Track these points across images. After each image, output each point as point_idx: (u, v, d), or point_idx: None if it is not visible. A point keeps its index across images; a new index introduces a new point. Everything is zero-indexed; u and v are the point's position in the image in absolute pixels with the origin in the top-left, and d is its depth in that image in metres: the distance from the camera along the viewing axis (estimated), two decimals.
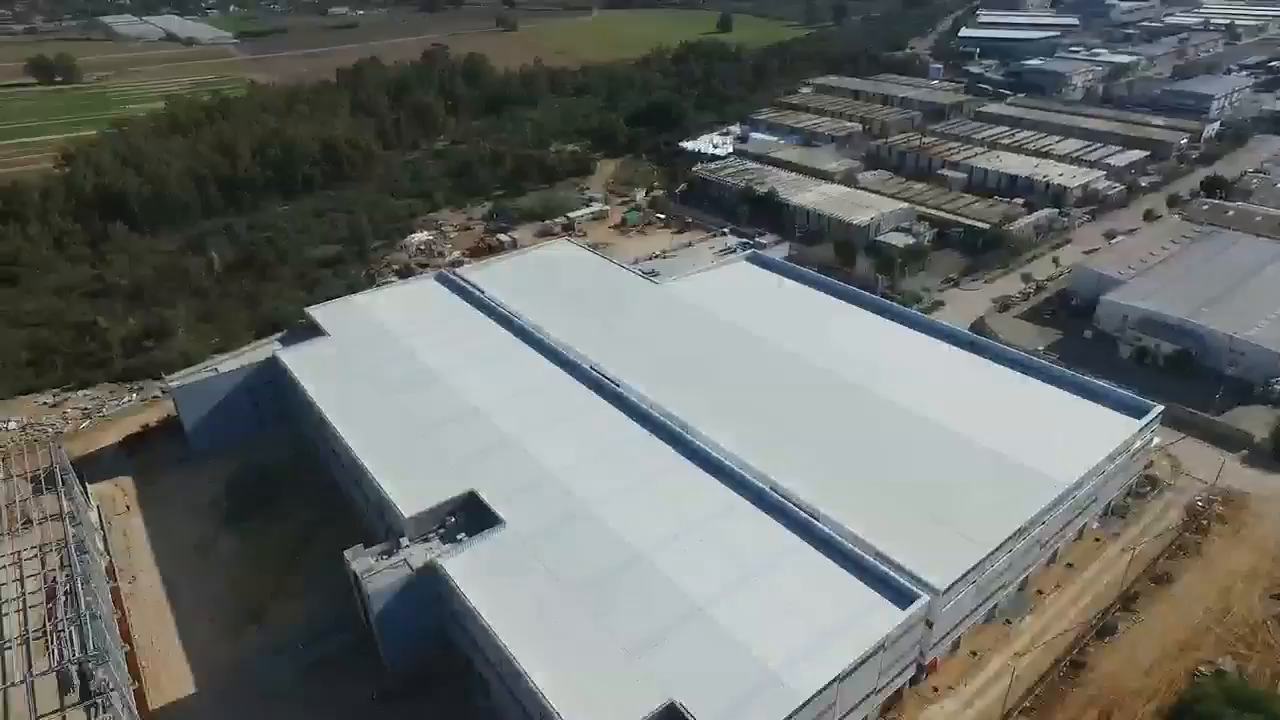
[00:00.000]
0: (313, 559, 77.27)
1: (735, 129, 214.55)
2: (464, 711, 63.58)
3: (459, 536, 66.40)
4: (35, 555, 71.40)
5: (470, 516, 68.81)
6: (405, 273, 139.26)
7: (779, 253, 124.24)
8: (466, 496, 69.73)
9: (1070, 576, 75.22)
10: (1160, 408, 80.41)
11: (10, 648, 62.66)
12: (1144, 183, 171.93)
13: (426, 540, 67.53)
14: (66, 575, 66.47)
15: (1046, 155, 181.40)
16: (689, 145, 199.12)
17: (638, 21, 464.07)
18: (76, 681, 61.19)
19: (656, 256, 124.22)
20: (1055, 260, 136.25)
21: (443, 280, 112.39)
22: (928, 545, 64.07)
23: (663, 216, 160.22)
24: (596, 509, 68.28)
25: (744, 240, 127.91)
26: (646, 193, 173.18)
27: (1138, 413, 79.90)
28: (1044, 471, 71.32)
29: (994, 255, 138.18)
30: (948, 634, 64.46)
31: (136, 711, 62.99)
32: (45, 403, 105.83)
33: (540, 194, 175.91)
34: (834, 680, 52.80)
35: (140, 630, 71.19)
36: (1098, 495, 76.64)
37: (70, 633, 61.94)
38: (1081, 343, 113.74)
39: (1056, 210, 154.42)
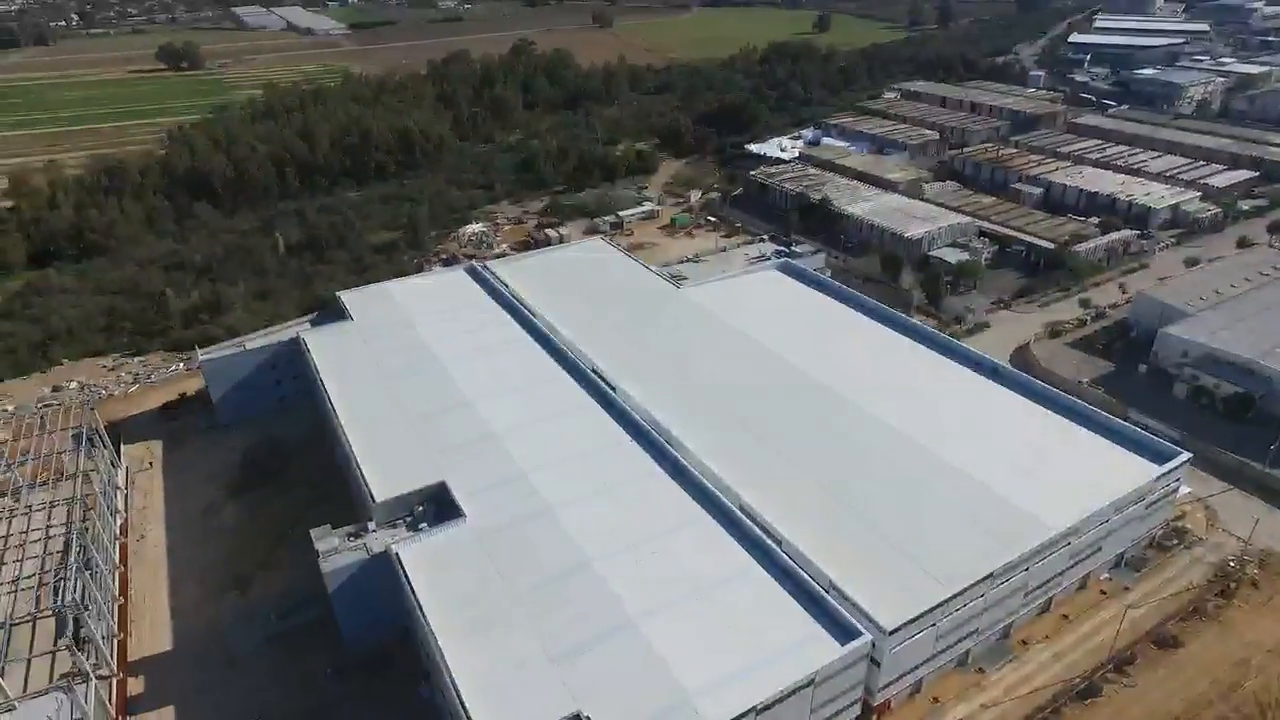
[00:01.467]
0: (304, 534, 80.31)
1: (807, 133, 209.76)
2: (413, 696, 64.93)
3: (421, 526, 67.94)
4: (64, 505, 77.66)
5: (438, 507, 70.19)
6: (451, 262, 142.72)
7: (814, 262, 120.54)
8: (436, 487, 71.13)
9: (1063, 629, 70.03)
10: (1186, 455, 73.70)
11: (28, 589, 68.36)
12: (1245, 206, 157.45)
13: (394, 526, 69.37)
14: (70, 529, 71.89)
15: (1138, 172, 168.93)
16: (755, 148, 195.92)
17: (736, 19, 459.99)
18: (71, 626, 66.53)
19: (688, 260, 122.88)
20: (1122, 286, 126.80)
21: (471, 272, 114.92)
22: (889, 581, 61.10)
23: (713, 219, 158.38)
24: (558, 511, 68.37)
25: (779, 248, 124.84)
26: (702, 195, 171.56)
27: (1160, 458, 73.54)
28: (1035, 513, 66.69)
29: (1055, 277, 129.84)
30: (903, 675, 61.17)
31: (115, 660, 67.55)
32: (105, 365, 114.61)
33: (598, 191, 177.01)
34: (749, 711, 51.05)
35: (137, 585, 76.27)
36: (1103, 544, 70.95)
37: (65, 581, 66.98)
38: (1133, 377, 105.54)
39: (1137, 232, 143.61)
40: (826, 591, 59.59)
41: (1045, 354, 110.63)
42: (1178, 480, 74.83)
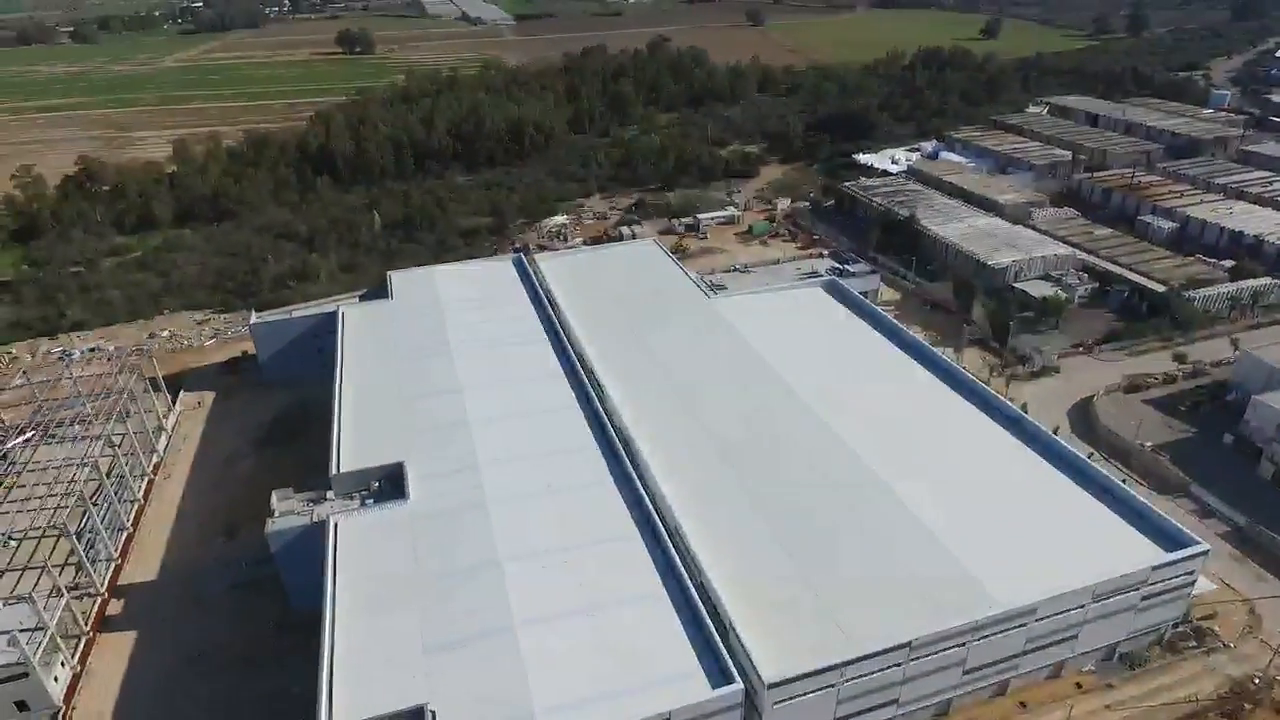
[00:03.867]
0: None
1: (927, 146, 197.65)
2: None
3: (368, 501, 71.13)
4: (102, 440, 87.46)
5: (392, 486, 73.06)
6: (523, 251, 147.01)
7: (868, 283, 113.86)
8: (394, 467, 74.05)
9: (1015, 718, 62.62)
10: (1202, 546, 63.62)
11: (68, 509, 77.63)
12: None
13: (350, 498, 72.99)
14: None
15: None
16: (863, 158, 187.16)
17: (899, 22, 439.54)
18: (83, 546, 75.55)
19: (736, 269, 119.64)
20: (1235, 343, 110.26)
21: (517, 264, 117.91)
22: (798, 632, 57.34)
23: (792, 230, 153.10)
24: (495, 507, 69.28)
25: (835, 265, 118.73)
26: (790, 203, 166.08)
27: (1175, 544, 63.95)
28: (988, 585, 60.09)
29: (1158, 325, 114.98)
30: None
31: (106, 582, 75.84)
32: (196, 319, 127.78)
33: (688, 192, 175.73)
34: None
35: (149, 519, 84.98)
36: (1079, 632, 62.69)
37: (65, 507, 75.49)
38: (1215, 448, 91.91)
39: None
40: (726, 631, 56.80)
41: (1112, 409, 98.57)
42: (1191, 574, 64.63)
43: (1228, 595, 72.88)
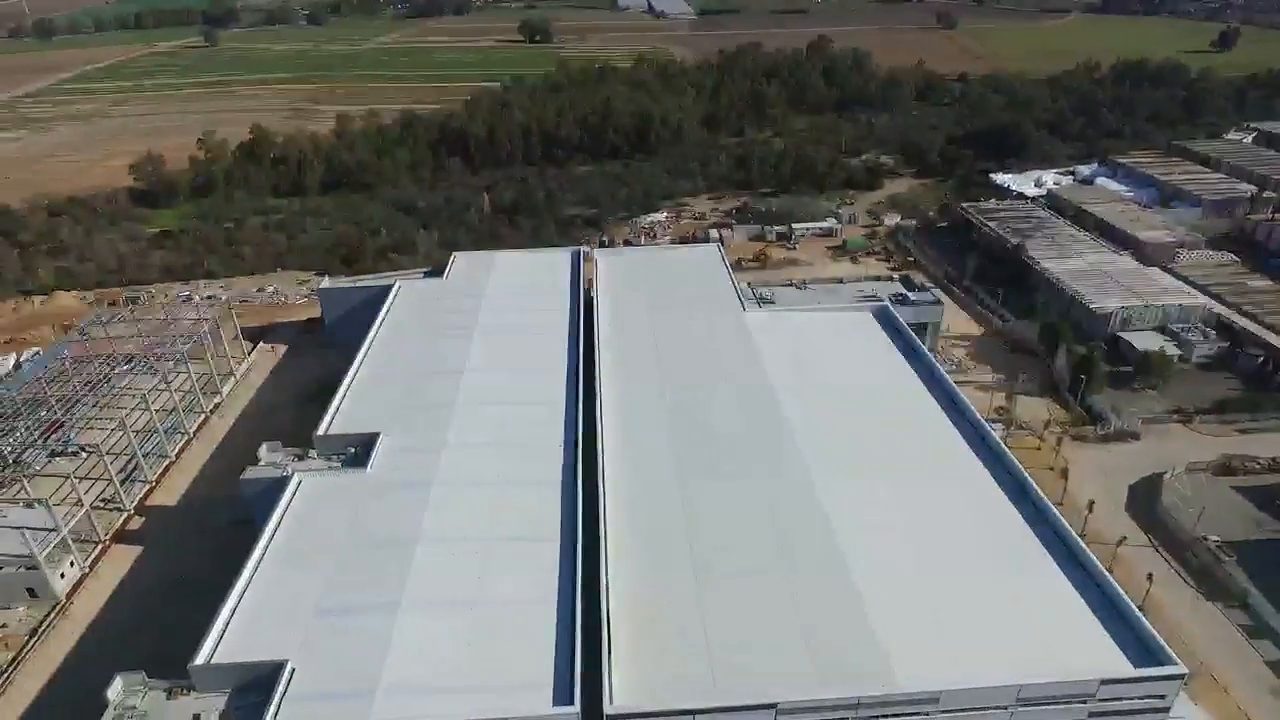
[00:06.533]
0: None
1: (1084, 169, 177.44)
2: None
3: (335, 465, 75.79)
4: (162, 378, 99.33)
5: (363, 454, 77.13)
6: (607, 244, 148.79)
7: (930, 314, 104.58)
8: (370, 436, 78.19)
9: None
10: (1180, 670, 53.34)
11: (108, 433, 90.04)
12: None
13: (329, 459, 78.14)
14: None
15: None
16: (1001, 178, 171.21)
17: (1115, 30, 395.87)
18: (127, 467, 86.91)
19: (792, 284, 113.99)
20: None
21: (574, 256, 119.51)
22: (673, 669, 54.82)
23: (889, 249, 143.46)
24: (439, 489, 71.47)
25: (904, 291, 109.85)
26: (899, 220, 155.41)
27: (1149, 661, 54.31)
28: (895, 664, 54.10)
29: None
30: None
31: (136, 500, 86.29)
32: (299, 279, 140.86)
33: (799, 199, 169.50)
34: None
35: (191, 453, 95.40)
36: None
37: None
38: None
39: None
40: (607, 653, 55.19)
41: (1186, 491, 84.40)
42: (1161, 698, 54.27)
43: None
